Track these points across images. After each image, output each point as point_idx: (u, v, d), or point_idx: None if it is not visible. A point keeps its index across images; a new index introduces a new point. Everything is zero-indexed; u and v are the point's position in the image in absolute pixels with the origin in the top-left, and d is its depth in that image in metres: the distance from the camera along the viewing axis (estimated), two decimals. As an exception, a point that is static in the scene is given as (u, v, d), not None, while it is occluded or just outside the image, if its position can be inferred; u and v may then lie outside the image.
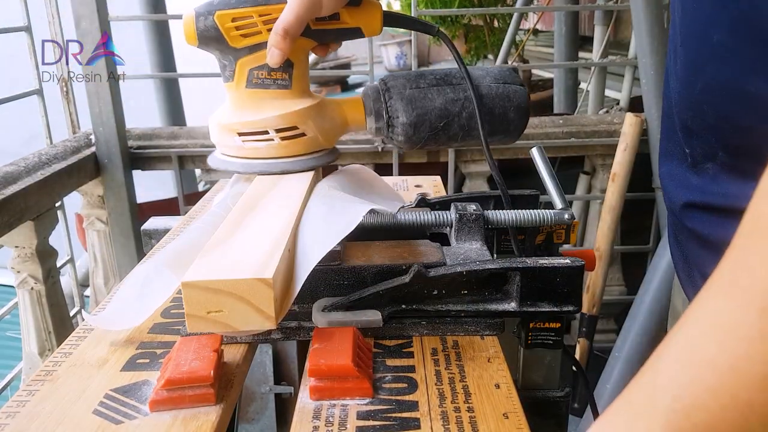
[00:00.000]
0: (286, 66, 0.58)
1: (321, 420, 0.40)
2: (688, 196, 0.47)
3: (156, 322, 0.52)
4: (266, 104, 0.58)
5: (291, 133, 0.58)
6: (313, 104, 0.59)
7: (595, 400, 0.64)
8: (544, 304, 0.47)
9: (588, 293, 1.45)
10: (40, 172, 1.24)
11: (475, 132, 0.61)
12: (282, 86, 0.59)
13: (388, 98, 0.60)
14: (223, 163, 0.60)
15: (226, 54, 0.58)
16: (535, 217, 0.56)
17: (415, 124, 0.60)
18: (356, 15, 0.59)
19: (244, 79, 0.58)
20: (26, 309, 1.24)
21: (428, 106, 0.60)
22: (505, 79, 0.62)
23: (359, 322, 0.47)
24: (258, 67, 0.58)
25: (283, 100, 0.59)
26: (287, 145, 0.59)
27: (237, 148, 0.59)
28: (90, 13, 1.37)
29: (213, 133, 0.61)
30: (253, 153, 0.59)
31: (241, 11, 0.56)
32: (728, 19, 0.39)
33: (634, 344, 1.33)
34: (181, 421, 0.39)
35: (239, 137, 0.58)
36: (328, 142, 0.62)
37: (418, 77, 0.61)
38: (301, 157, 0.60)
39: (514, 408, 0.41)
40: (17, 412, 0.40)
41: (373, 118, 0.61)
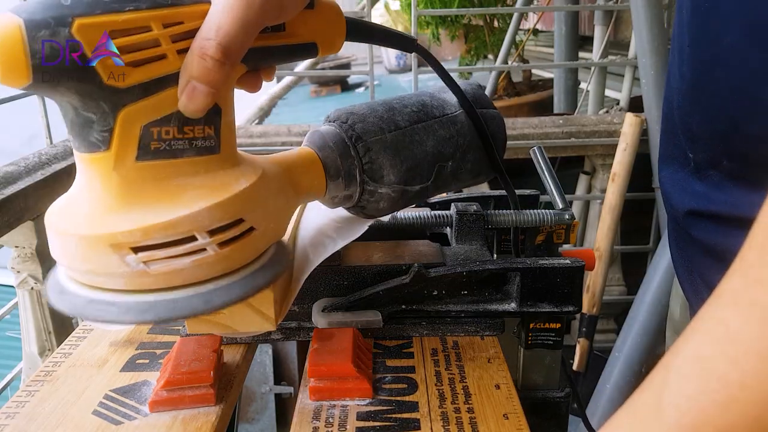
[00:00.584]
0: (212, 115, 0.35)
1: (321, 420, 0.40)
2: (691, 203, 0.46)
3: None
4: (180, 188, 0.34)
5: (234, 231, 0.35)
6: (258, 177, 0.36)
7: (582, 403, 0.63)
8: (544, 305, 0.47)
9: (588, 293, 1.45)
10: (40, 172, 1.24)
11: (464, 174, 0.49)
12: (205, 150, 0.35)
13: (364, 151, 0.42)
14: (97, 308, 0.33)
15: (93, 100, 0.32)
16: (535, 217, 0.56)
17: (406, 182, 0.44)
18: (310, 24, 0.40)
19: (134, 146, 0.33)
20: (26, 309, 1.24)
21: (418, 153, 0.44)
22: (480, 102, 0.50)
23: (359, 322, 0.47)
24: (159, 121, 0.33)
25: (210, 174, 0.35)
26: (228, 253, 0.35)
27: (128, 276, 0.33)
28: (90, 13, 1.37)
29: (67, 251, 0.34)
30: (165, 280, 0.33)
31: (127, 18, 0.31)
32: (745, 23, 0.38)
33: (634, 344, 1.33)
34: (181, 422, 0.39)
35: (133, 255, 0.32)
36: (277, 233, 0.39)
37: (390, 112, 0.45)
38: (250, 269, 0.36)
39: (514, 409, 0.41)
40: (17, 413, 0.40)
41: (341, 182, 0.43)
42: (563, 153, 1.70)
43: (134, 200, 0.33)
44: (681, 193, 0.48)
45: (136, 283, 0.33)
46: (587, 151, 1.71)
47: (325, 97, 5.20)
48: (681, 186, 0.48)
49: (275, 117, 3.18)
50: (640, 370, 1.33)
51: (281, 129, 1.53)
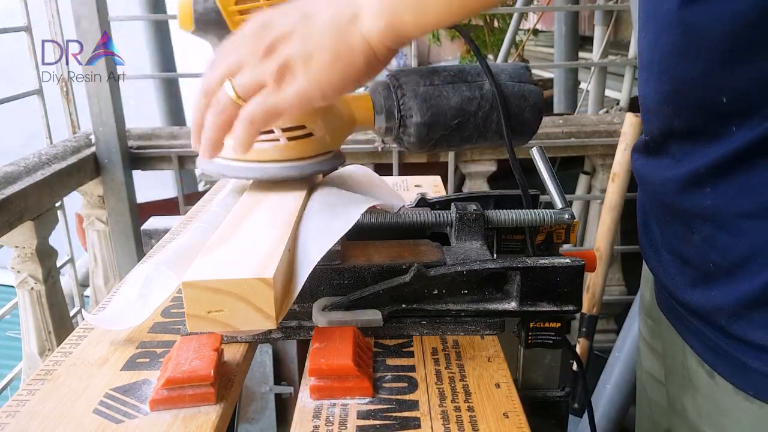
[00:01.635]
0: None
1: (321, 419, 0.40)
2: (660, 173, 0.51)
3: (156, 322, 0.52)
4: None
5: (298, 132, 0.53)
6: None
7: (588, 389, 0.64)
8: (544, 304, 0.47)
9: (588, 293, 1.45)
10: (40, 172, 1.24)
11: (489, 133, 0.57)
12: None
13: (401, 95, 0.56)
14: (219, 167, 0.53)
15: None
16: (535, 217, 0.56)
17: (429, 124, 0.56)
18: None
19: None
20: (26, 309, 1.24)
21: (443, 104, 0.56)
22: (520, 77, 0.59)
23: (359, 321, 0.47)
24: None
25: None
26: (294, 146, 0.53)
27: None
28: (90, 13, 1.37)
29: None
30: (255, 155, 0.52)
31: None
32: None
33: (634, 344, 1.33)
34: (182, 421, 0.39)
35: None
36: (335, 143, 0.57)
37: (431, 73, 0.57)
38: (308, 161, 0.54)
39: (514, 407, 0.41)
40: (17, 412, 0.40)
41: (383, 116, 0.56)
42: (563, 153, 1.70)
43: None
44: (651, 169, 0.53)
45: (243, 156, 0.52)
46: (587, 151, 1.71)
47: (325, 98, 5.19)
48: (650, 162, 0.54)
49: (275, 117, 3.18)
50: (640, 369, 1.33)
51: (281, 129, 1.53)
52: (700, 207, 0.46)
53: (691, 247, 0.49)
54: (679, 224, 0.50)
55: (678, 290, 0.51)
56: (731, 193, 0.44)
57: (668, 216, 0.52)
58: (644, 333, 0.68)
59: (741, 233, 0.44)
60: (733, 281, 0.45)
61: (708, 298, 0.47)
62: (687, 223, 0.49)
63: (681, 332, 0.53)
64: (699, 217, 0.47)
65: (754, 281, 0.43)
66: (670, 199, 0.50)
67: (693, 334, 0.51)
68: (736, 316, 0.45)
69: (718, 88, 0.43)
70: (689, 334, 0.51)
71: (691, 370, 0.51)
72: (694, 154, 0.46)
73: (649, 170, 0.55)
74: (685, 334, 0.52)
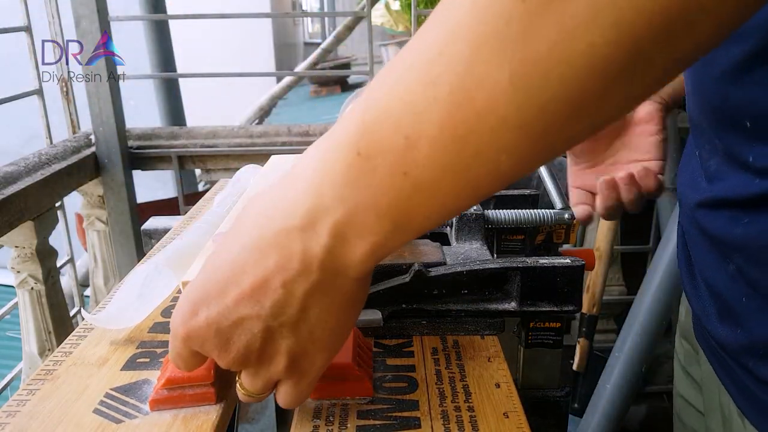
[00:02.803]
0: None
1: (321, 419, 0.40)
2: (699, 195, 0.48)
3: (156, 321, 0.52)
4: None
5: None
6: None
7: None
8: (544, 304, 0.47)
9: (588, 293, 1.44)
10: (40, 172, 1.24)
11: None
12: None
13: None
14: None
15: None
16: (535, 216, 0.56)
17: None
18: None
19: None
20: (26, 309, 1.24)
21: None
22: None
23: (359, 321, 0.47)
24: None
25: None
26: None
27: None
28: (90, 13, 1.37)
29: None
30: None
31: None
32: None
33: (634, 344, 1.33)
34: (182, 420, 0.39)
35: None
36: None
37: None
38: None
39: (514, 407, 0.41)
40: (18, 411, 0.40)
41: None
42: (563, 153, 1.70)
43: None
44: (691, 189, 0.49)
45: None
46: (587, 151, 1.71)
47: (325, 97, 5.20)
48: (690, 182, 0.50)
49: (275, 117, 3.18)
50: (641, 370, 1.33)
51: (281, 129, 1.53)
52: (732, 235, 0.43)
53: (724, 277, 0.45)
54: (713, 251, 0.47)
55: (709, 322, 0.48)
56: (764, 224, 0.41)
57: (703, 240, 0.49)
58: (680, 355, 0.64)
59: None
60: (761, 320, 0.42)
61: (735, 335, 0.44)
62: (721, 251, 0.46)
63: (715, 367, 0.50)
64: (732, 246, 0.44)
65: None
66: (705, 221, 0.47)
67: (725, 371, 0.48)
68: (763, 359, 0.42)
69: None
70: (722, 370, 0.48)
71: (726, 409, 0.49)
72: (729, 180, 0.44)
73: (684, 188, 0.52)
74: (718, 369, 0.49)
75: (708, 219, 0.47)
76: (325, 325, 0.34)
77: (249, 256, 0.32)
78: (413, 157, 0.27)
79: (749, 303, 0.43)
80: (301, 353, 0.34)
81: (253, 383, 0.36)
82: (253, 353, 0.34)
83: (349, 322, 0.36)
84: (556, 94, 0.24)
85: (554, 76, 0.24)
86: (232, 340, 0.33)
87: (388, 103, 0.28)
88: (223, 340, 0.33)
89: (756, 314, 0.42)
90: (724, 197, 0.44)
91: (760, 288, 0.41)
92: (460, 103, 0.25)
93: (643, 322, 1.32)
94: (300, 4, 10.30)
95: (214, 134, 1.55)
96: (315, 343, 0.34)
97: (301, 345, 0.34)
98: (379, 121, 0.28)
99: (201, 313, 0.33)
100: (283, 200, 0.31)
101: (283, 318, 0.33)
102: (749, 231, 0.42)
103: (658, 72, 0.24)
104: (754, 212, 0.41)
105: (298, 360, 0.35)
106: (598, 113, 0.25)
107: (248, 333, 0.33)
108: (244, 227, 0.33)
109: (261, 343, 0.33)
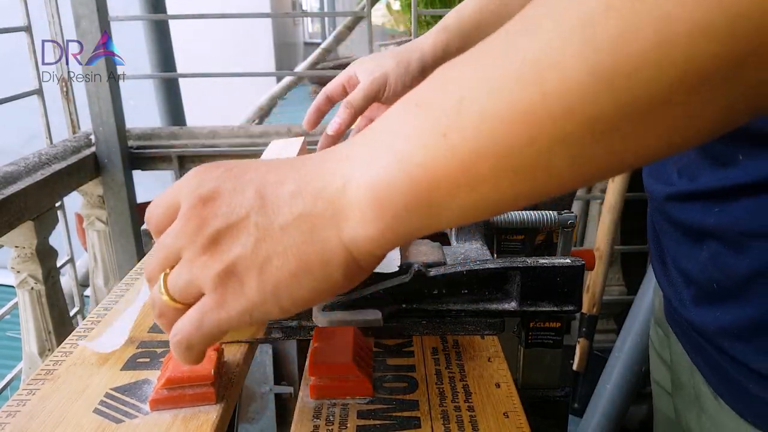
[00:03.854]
0: None
1: (321, 419, 0.40)
2: (668, 188, 0.49)
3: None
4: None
5: None
6: None
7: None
8: (544, 304, 0.47)
9: (588, 293, 1.44)
10: (40, 172, 1.24)
11: None
12: None
13: None
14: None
15: None
16: (535, 217, 0.56)
17: None
18: None
19: None
20: (26, 309, 1.24)
21: None
22: None
23: (359, 321, 0.47)
24: None
25: None
26: None
27: None
28: (90, 13, 1.37)
29: None
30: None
31: None
32: None
33: (634, 344, 1.33)
34: (182, 420, 0.39)
35: None
36: None
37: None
38: None
39: (514, 407, 0.41)
40: (18, 411, 0.40)
41: None
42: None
43: None
44: (660, 182, 0.50)
45: None
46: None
47: (325, 98, 5.18)
48: (658, 175, 0.50)
49: (275, 117, 3.18)
50: (640, 370, 1.33)
51: (281, 128, 1.53)
52: (705, 224, 0.44)
53: (698, 264, 0.46)
54: (686, 239, 0.48)
55: (683, 307, 0.49)
56: (736, 213, 0.41)
57: (675, 230, 0.50)
58: (655, 343, 0.65)
59: (746, 252, 0.41)
60: (737, 303, 0.42)
61: (712, 318, 0.45)
62: (694, 238, 0.46)
63: (687, 349, 0.51)
64: (705, 234, 0.45)
65: (757, 304, 0.41)
66: (676, 213, 0.48)
67: (699, 353, 0.49)
68: (739, 339, 0.42)
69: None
70: (695, 352, 0.49)
71: (698, 389, 0.49)
72: (700, 173, 0.44)
73: (652, 181, 0.52)
74: (691, 351, 0.50)
75: (679, 210, 0.47)
76: (284, 265, 0.30)
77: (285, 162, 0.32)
78: (460, 120, 0.25)
79: (724, 287, 0.43)
80: (242, 272, 0.30)
81: (179, 275, 0.32)
82: (213, 229, 0.31)
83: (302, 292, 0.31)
84: (637, 98, 0.22)
85: (642, 78, 0.22)
86: (215, 201, 0.31)
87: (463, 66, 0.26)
88: (210, 196, 0.31)
89: (731, 298, 0.43)
90: (694, 190, 0.45)
91: (734, 273, 0.42)
92: (526, 78, 0.24)
93: (643, 322, 1.32)
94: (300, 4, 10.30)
95: (214, 134, 1.55)
96: (261, 274, 0.30)
97: (250, 263, 0.30)
98: (446, 80, 0.27)
99: (220, 168, 0.33)
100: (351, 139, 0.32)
101: (264, 220, 0.30)
102: (722, 219, 0.42)
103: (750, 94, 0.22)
104: (724, 202, 0.42)
105: (233, 276, 0.31)
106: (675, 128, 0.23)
107: (230, 207, 0.31)
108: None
109: (226, 226, 0.31)
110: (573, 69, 0.23)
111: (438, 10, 2.51)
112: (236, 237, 0.31)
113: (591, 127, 0.23)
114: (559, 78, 0.23)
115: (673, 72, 0.21)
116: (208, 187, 0.32)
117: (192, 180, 0.33)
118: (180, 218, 0.32)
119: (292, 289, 0.31)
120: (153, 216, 0.34)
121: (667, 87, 0.22)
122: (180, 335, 0.32)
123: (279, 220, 0.30)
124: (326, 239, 0.30)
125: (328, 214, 0.30)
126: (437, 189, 0.27)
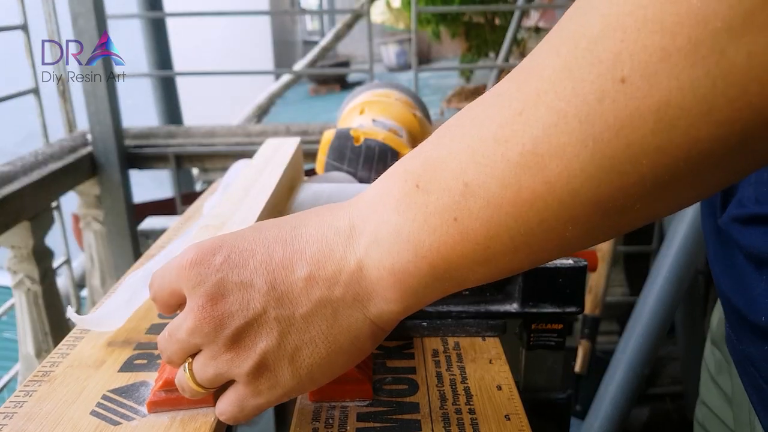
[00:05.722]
0: None
1: (320, 422, 0.40)
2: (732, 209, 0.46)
3: (153, 323, 0.51)
4: None
5: None
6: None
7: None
8: (546, 305, 0.47)
9: (590, 294, 1.44)
10: (37, 171, 1.24)
11: None
12: None
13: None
14: None
15: None
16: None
17: None
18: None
19: None
20: (23, 310, 1.24)
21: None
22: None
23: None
24: None
25: None
26: None
27: None
28: (87, 11, 1.36)
29: None
30: None
31: None
32: None
33: (637, 346, 1.32)
34: (180, 423, 0.39)
35: None
36: None
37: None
38: None
39: (516, 409, 0.40)
40: (15, 413, 0.40)
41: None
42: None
43: None
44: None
45: None
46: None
47: (325, 96, 5.19)
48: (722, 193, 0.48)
49: (274, 116, 3.18)
50: (643, 372, 1.32)
51: (280, 128, 1.53)
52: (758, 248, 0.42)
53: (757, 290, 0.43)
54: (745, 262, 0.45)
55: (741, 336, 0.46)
56: None
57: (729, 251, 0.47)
58: (709, 363, 0.61)
59: None
60: None
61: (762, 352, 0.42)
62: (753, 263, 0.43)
63: (743, 382, 0.47)
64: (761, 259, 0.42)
65: None
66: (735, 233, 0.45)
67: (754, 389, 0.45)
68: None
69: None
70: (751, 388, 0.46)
71: (755, 428, 0.47)
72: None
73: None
74: (747, 386, 0.46)
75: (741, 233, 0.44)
76: (315, 352, 0.31)
77: (293, 234, 0.31)
78: (468, 205, 0.26)
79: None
80: (273, 364, 0.31)
81: (204, 368, 0.33)
82: (231, 329, 0.31)
83: (336, 369, 0.32)
84: (643, 179, 0.23)
85: (645, 163, 0.22)
86: (226, 299, 0.31)
87: (458, 146, 0.27)
88: (218, 292, 0.31)
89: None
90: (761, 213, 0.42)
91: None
92: (530, 167, 0.24)
93: (645, 324, 1.32)
94: (299, 1, 10.30)
95: (212, 133, 1.54)
96: (293, 364, 0.31)
97: (279, 355, 0.31)
98: (443, 161, 0.27)
99: (218, 255, 0.31)
100: (342, 206, 0.31)
101: (284, 312, 0.30)
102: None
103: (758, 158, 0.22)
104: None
105: (266, 370, 0.32)
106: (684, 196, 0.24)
107: (244, 304, 0.31)
108: (304, 214, 0.33)
109: (245, 324, 0.31)
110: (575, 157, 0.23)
111: (438, 8, 2.50)
112: (258, 333, 0.31)
113: (599, 208, 0.24)
114: (562, 166, 0.24)
115: (678, 153, 0.22)
116: (212, 282, 0.31)
117: (191, 272, 0.32)
118: (190, 316, 0.32)
119: (324, 369, 0.32)
120: (158, 300, 0.35)
121: (673, 168, 0.22)
122: (225, 416, 0.35)
123: (300, 311, 0.31)
124: (351, 319, 0.31)
125: (350, 298, 0.31)
126: (456, 269, 0.28)
